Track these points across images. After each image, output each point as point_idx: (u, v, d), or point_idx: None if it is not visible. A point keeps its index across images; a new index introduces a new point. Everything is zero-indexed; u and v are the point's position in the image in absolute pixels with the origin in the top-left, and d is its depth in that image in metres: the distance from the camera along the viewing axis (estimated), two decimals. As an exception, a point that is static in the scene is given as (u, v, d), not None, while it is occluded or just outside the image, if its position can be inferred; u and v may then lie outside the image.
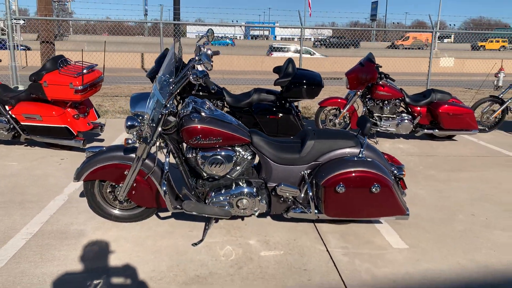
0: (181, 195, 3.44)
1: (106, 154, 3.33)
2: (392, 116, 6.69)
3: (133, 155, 3.33)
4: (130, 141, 3.09)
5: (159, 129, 3.08)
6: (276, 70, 6.13)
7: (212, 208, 3.23)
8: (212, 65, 2.94)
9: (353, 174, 3.11)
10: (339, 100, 6.72)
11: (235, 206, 3.29)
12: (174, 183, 3.44)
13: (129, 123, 3.04)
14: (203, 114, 3.17)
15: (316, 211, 3.28)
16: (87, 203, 3.85)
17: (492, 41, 40.61)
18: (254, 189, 3.29)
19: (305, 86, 5.81)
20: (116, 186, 3.46)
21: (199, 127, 3.10)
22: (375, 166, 3.17)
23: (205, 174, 3.32)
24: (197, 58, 2.98)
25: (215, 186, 3.36)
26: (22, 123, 5.24)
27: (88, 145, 5.62)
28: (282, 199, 3.34)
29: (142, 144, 3.14)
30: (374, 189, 3.10)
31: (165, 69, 3.15)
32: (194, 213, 3.21)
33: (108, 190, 3.50)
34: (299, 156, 3.27)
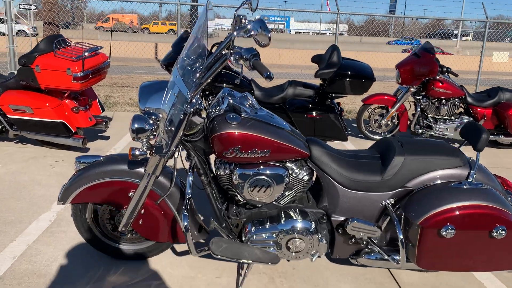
0: (207, 228, 2.46)
1: (103, 168, 2.35)
2: (450, 118, 5.63)
3: (141, 170, 2.35)
4: (137, 152, 2.11)
5: (180, 134, 2.09)
6: (316, 59, 5.09)
7: (251, 250, 2.24)
8: (270, 38, 1.92)
9: (468, 211, 2.08)
10: (387, 98, 5.68)
11: (284, 248, 2.29)
12: (196, 206, 2.46)
13: (136, 125, 2.06)
14: (244, 114, 2.17)
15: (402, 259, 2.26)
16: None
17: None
18: (313, 224, 2.29)
19: (353, 79, 4.77)
20: (117, 211, 2.48)
21: (237, 133, 2.10)
22: (495, 197, 2.14)
23: (241, 199, 2.34)
24: (244, 28, 1.93)
25: (256, 216, 2.37)
26: (9, 116, 4.30)
27: (86, 152, 4.66)
28: (352, 239, 2.34)
29: (154, 155, 2.15)
30: (496, 232, 2.08)
31: (190, 48, 2.16)
32: (226, 258, 2.22)
33: (106, 217, 2.52)
34: (381, 178, 2.26)
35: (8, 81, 4.37)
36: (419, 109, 5.60)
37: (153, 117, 2.15)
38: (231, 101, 2.22)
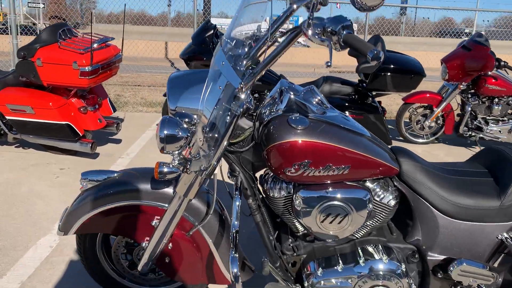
0: (251, 266, 1.87)
1: (118, 187, 1.76)
2: (502, 119, 4.98)
3: (169, 191, 1.76)
4: (166, 169, 1.52)
5: (225, 143, 1.50)
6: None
7: (320, 303, 1.64)
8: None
9: None
10: (431, 96, 5.03)
11: (364, 298, 1.69)
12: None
13: (166, 131, 1.47)
14: (311, 116, 1.57)
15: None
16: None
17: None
18: (402, 265, 1.68)
19: (400, 75, 4.15)
20: (136, 244, 1.89)
21: (306, 142, 1.50)
22: None
23: (301, 229, 1.74)
24: None
25: (321, 252, 1.77)
26: (7, 117, 3.73)
27: (95, 158, 4.08)
28: (455, 286, 1.72)
29: (189, 173, 1.55)
30: None
31: (240, 24, 1.55)
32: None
33: (121, 251, 1.93)
34: (500, 204, 1.64)
35: (6, 77, 3.81)
36: (469, 108, 4.95)
37: (188, 120, 1.55)
38: (292, 96, 1.61)
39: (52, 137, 3.78)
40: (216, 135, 1.48)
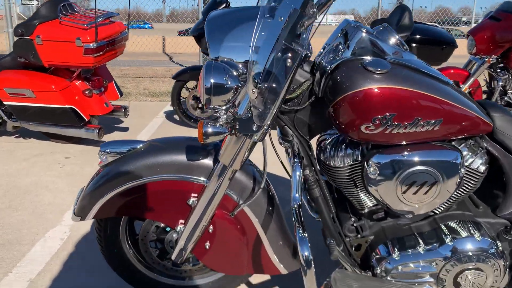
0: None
1: (145, 160, 1.45)
2: (534, 95, 4.67)
3: (208, 163, 1.44)
4: (210, 129, 1.20)
5: (283, 96, 1.18)
6: (379, 24, 4.13)
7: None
8: None
9: None
10: (456, 71, 4.71)
11: (452, 285, 1.38)
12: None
13: (214, 79, 1.15)
14: (389, 59, 1.25)
15: None
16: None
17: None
18: (496, 244, 1.37)
19: (430, 46, 3.84)
20: (168, 229, 1.57)
21: (390, 90, 1.18)
22: None
23: (369, 204, 1.44)
24: None
25: (392, 232, 1.46)
26: (5, 103, 3.41)
27: (106, 137, 3.76)
28: None
29: (238, 135, 1.24)
30: None
31: None
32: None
33: (150, 238, 1.61)
34: None
35: (2, 59, 3.48)
36: (500, 83, 4.63)
37: (235, 70, 1.23)
38: (364, 34, 1.28)
39: (55, 124, 3.46)
40: (273, 85, 1.16)
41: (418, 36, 3.85)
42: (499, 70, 4.67)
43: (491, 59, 4.53)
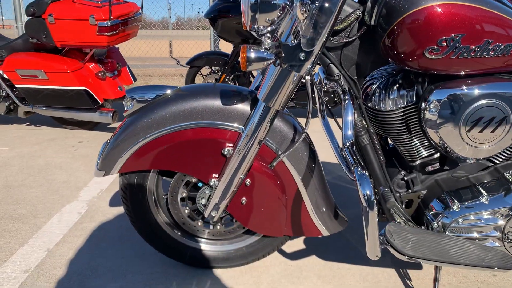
0: (343, 215, 1.42)
1: (176, 105, 1.32)
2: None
3: (243, 108, 1.31)
4: (255, 54, 1.07)
5: (335, 17, 1.05)
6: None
7: (469, 247, 1.19)
8: None
9: None
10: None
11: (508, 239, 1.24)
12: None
13: None
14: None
15: None
16: (128, 220, 1.87)
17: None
18: None
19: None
20: (201, 184, 1.44)
21: (456, 5, 1.05)
22: None
23: (424, 153, 1.30)
24: None
25: (447, 185, 1.32)
26: (17, 86, 3.30)
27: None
28: None
29: (283, 66, 1.11)
30: None
31: None
32: (418, 260, 1.17)
33: (181, 194, 1.47)
34: None
35: (13, 41, 3.38)
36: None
37: (279, -9, 1.10)
38: None
39: (68, 107, 3.34)
40: (325, 4, 1.03)
41: None
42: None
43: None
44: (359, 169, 1.12)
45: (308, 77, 1.20)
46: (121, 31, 3.26)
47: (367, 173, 1.13)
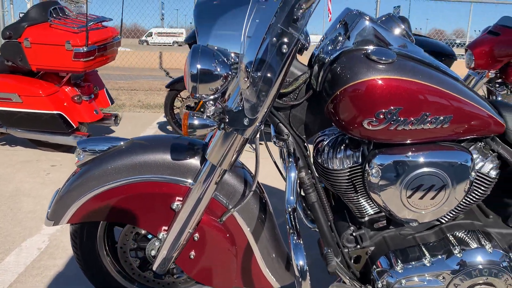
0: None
1: (126, 159, 1.32)
2: (533, 110, 4.59)
3: (195, 164, 1.32)
4: (198, 121, 1.08)
5: (277, 88, 1.07)
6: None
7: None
8: None
9: None
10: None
11: (462, 300, 1.25)
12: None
13: (201, 65, 1.04)
14: (394, 49, 1.15)
15: None
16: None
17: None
18: (506, 258, 1.25)
19: (429, 58, 3.76)
20: (150, 236, 1.44)
21: (397, 81, 1.08)
22: None
23: (369, 212, 1.32)
24: None
25: (394, 243, 1.34)
26: (-9, 108, 3.28)
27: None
28: None
29: (228, 129, 1.12)
30: None
31: None
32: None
33: (130, 246, 1.47)
34: None
35: (-12, 62, 3.37)
36: (499, 98, 4.57)
37: (226, 57, 1.12)
38: (368, 23, 1.18)
39: (42, 130, 3.33)
40: (267, 74, 1.05)
41: (428, 49, 3.78)
42: (497, 85, 4.61)
43: (489, 74, 4.47)
44: (295, 237, 1.14)
45: (258, 136, 1.22)
46: (98, 56, 3.27)
47: (301, 243, 1.14)
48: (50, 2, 3.35)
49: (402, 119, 1.09)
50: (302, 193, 1.36)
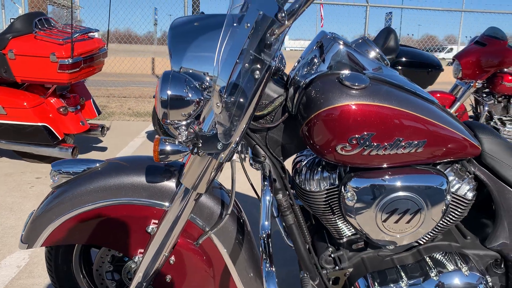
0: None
1: (100, 182, 1.30)
2: (520, 120, 4.64)
3: (170, 186, 1.30)
4: (169, 147, 1.07)
5: (251, 112, 1.06)
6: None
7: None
8: None
9: None
10: (443, 95, 4.67)
11: (440, 323, 1.25)
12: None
13: (171, 91, 1.03)
14: (368, 74, 1.15)
15: None
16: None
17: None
18: (487, 278, 1.25)
19: (416, 69, 3.78)
20: (126, 259, 1.42)
21: (370, 106, 1.07)
22: None
23: (347, 234, 1.31)
24: None
25: (372, 264, 1.33)
26: (-25, 120, 3.24)
27: (82, 157, 3.60)
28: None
29: (201, 155, 1.11)
30: None
31: None
32: None
33: (106, 268, 1.45)
34: None
35: (-27, 74, 3.33)
36: (486, 108, 4.60)
37: (199, 82, 1.11)
38: (342, 47, 1.17)
39: (27, 142, 3.29)
40: (240, 99, 1.04)
41: (403, 59, 3.81)
42: (484, 95, 4.65)
43: (477, 84, 4.51)
44: (267, 264, 1.12)
45: (235, 157, 1.21)
46: (84, 68, 3.25)
47: (273, 270, 1.13)
48: (36, 13, 3.33)
49: (375, 144, 1.09)
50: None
